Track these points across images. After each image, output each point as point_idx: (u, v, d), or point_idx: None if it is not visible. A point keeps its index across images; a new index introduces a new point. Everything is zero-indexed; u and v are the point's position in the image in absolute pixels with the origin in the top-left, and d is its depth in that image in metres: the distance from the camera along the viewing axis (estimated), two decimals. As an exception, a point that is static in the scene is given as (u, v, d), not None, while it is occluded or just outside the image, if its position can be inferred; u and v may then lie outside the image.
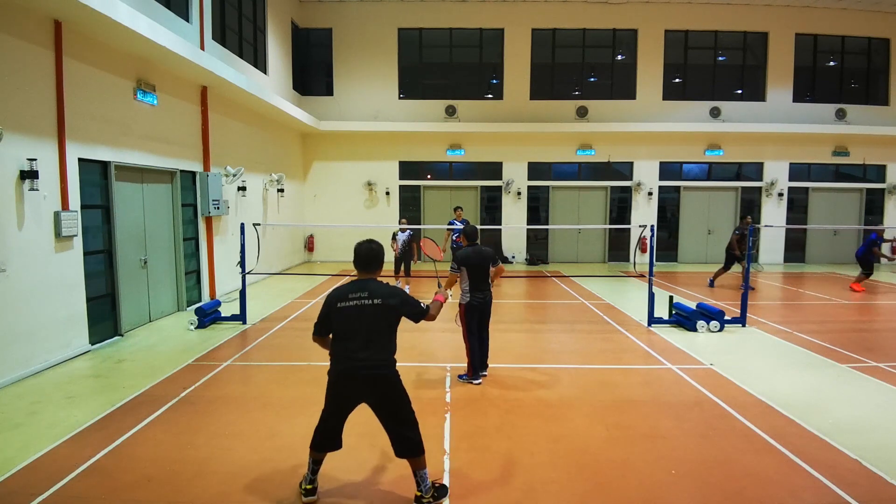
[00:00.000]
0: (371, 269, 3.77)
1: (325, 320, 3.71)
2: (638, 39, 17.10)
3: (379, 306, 3.61)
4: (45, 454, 4.35)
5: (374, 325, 3.60)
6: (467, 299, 6.10)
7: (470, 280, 6.07)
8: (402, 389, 3.67)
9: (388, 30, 16.97)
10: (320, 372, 6.45)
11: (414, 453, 3.64)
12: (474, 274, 6.07)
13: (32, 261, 6.34)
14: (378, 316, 3.61)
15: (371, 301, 3.61)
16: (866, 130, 16.93)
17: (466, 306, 6.11)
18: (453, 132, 17.03)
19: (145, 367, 6.56)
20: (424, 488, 3.66)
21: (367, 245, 3.79)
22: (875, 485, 3.98)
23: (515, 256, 17.65)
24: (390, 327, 3.68)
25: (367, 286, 3.68)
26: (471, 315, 6.11)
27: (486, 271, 6.16)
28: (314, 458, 3.77)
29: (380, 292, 3.65)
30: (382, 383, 3.61)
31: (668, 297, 9.54)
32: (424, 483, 3.67)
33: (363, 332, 3.58)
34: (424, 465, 3.68)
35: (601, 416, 5.17)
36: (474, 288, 6.09)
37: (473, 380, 6.09)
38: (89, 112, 7.34)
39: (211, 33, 10.62)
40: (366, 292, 3.64)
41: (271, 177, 13.87)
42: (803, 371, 6.61)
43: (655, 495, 3.84)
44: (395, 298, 3.66)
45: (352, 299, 3.63)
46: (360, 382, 3.59)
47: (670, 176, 17.70)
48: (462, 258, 6.05)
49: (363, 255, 3.76)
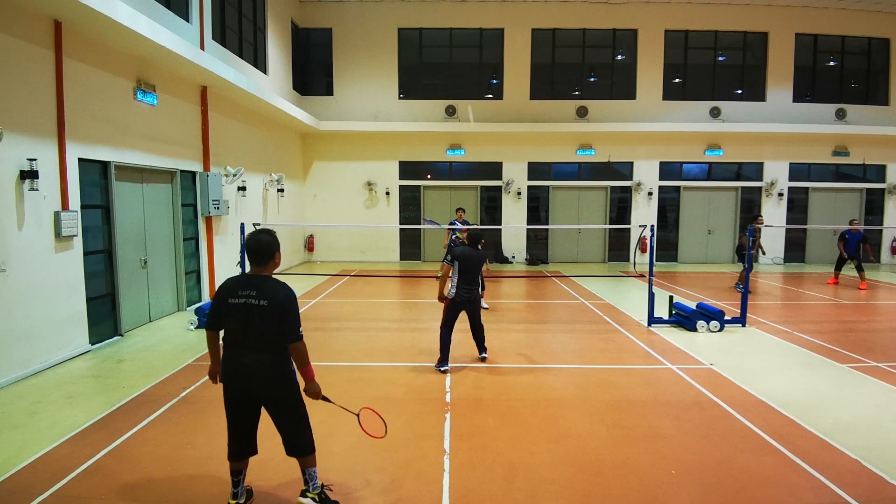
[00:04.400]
0: (260, 262, 3.50)
1: (216, 314, 3.50)
2: (638, 39, 17.10)
3: (265, 308, 3.37)
4: (45, 454, 4.34)
5: (262, 326, 3.38)
6: (453, 294, 6.49)
7: (459, 275, 6.48)
8: (295, 390, 3.54)
9: (388, 30, 16.97)
10: (320, 372, 6.43)
11: (304, 453, 3.58)
12: (465, 270, 6.49)
13: (32, 261, 6.34)
14: (265, 318, 3.38)
15: (258, 302, 3.38)
16: (866, 130, 16.93)
17: (451, 300, 6.51)
18: (453, 132, 17.03)
19: (145, 367, 6.57)
20: (312, 486, 3.59)
21: (256, 236, 3.53)
22: (875, 485, 3.98)
23: (515, 256, 17.65)
24: (274, 329, 3.40)
25: (257, 283, 3.44)
26: (452, 309, 6.52)
27: (478, 271, 6.64)
28: (232, 470, 3.60)
29: (268, 294, 3.40)
30: (276, 385, 3.46)
31: (668, 296, 9.55)
32: (313, 481, 3.59)
33: (254, 333, 3.39)
34: (314, 464, 3.62)
35: (601, 416, 5.17)
36: (462, 283, 6.49)
37: (439, 367, 6.48)
38: (89, 112, 7.34)
39: (211, 33, 10.63)
40: (254, 291, 3.41)
41: (271, 177, 13.87)
42: (803, 371, 6.61)
43: (655, 495, 3.84)
44: (287, 302, 3.40)
45: (241, 296, 3.41)
46: (252, 384, 3.42)
47: (670, 176, 17.70)
48: (458, 254, 6.53)
49: (251, 248, 3.50)
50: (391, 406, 5.42)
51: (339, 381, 6.19)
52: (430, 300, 11.26)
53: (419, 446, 4.56)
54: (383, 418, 4.07)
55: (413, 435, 4.77)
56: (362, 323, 9.03)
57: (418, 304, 11.01)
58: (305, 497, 3.57)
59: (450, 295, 6.49)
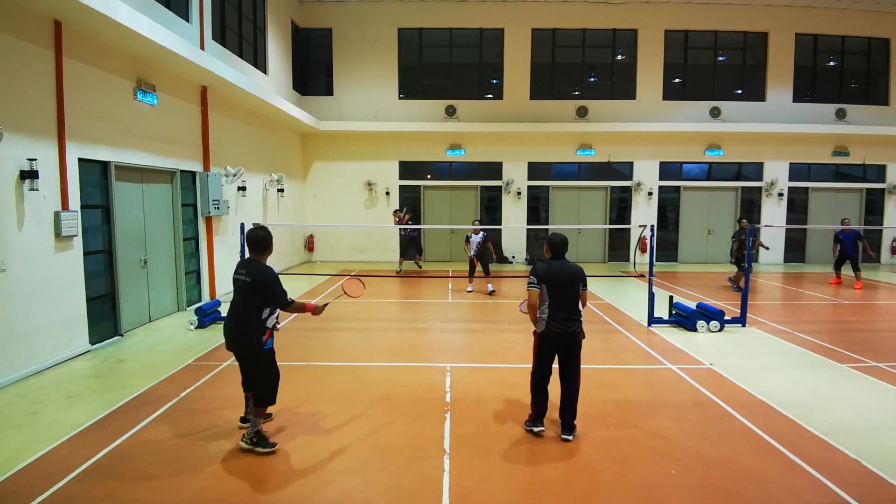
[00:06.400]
0: (257, 251, 4.46)
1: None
2: (638, 39, 17.09)
3: (248, 283, 4.31)
4: (45, 454, 4.34)
5: (244, 297, 4.35)
6: (543, 327, 4.76)
7: (550, 301, 4.72)
8: (262, 353, 4.35)
9: (388, 30, 16.96)
10: (320, 372, 6.49)
11: (258, 404, 4.43)
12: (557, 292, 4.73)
13: (32, 261, 6.34)
14: (246, 291, 4.33)
15: (245, 278, 4.34)
16: (866, 130, 16.92)
17: (542, 336, 4.80)
18: (453, 132, 17.03)
19: (145, 367, 6.56)
20: (250, 431, 4.41)
21: (254, 232, 4.48)
22: (875, 485, 3.98)
23: (515, 256, 17.65)
24: (256, 303, 4.30)
25: (249, 265, 4.41)
26: (546, 349, 4.84)
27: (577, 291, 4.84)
28: (245, 395, 4.72)
29: (254, 272, 4.33)
30: (243, 346, 4.39)
31: (668, 297, 9.54)
32: (253, 427, 4.41)
33: (236, 303, 4.41)
34: (261, 416, 4.44)
35: (601, 416, 5.17)
36: (556, 312, 4.72)
37: (530, 427, 4.86)
38: (89, 112, 7.34)
39: (211, 33, 10.62)
40: (245, 270, 4.39)
41: (271, 177, 13.87)
42: (803, 371, 6.61)
43: (655, 495, 3.84)
44: (264, 280, 4.30)
45: (238, 273, 4.44)
46: (230, 342, 4.44)
47: (670, 176, 17.69)
48: (542, 273, 4.76)
49: (250, 240, 4.47)
50: (391, 406, 5.42)
51: (339, 381, 6.19)
52: (431, 300, 11.27)
53: (419, 446, 4.55)
54: (363, 282, 5.30)
55: (413, 435, 4.77)
56: (362, 323, 9.03)
57: (418, 304, 11.01)
58: (243, 440, 4.44)
59: (539, 329, 4.75)
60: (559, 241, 4.83)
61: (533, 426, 4.78)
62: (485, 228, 11.97)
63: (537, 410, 4.79)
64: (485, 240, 11.67)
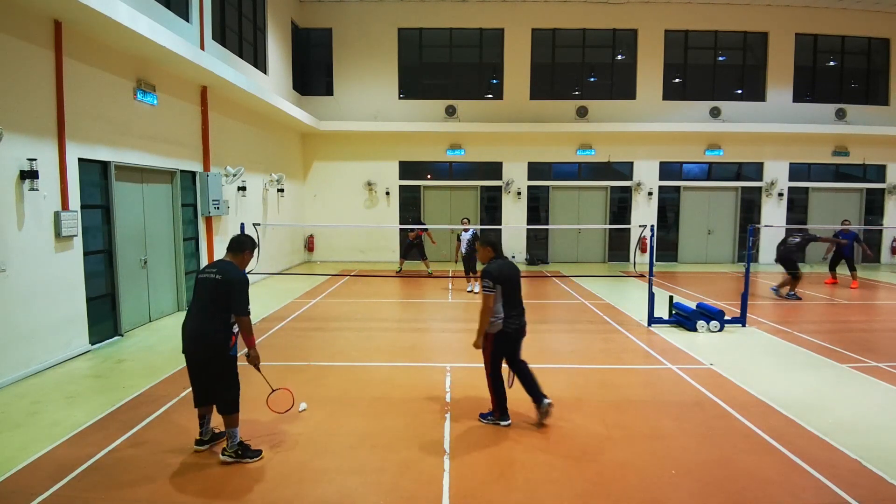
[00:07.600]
0: (234, 251, 4.38)
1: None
2: (638, 39, 17.09)
3: (217, 282, 4.12)
4: (45, 454, 4.35)
5: (209, 296, 4.13)
6: (500, 326, 4.93)
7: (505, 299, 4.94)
8: (227, 358, 4.17)
9: (388, 30, 16.96)
10: (320, 372, 6.49)
11: (226, 412, 4.22)
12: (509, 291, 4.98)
13: (32, 261, 6.34)
14: (212, 290, 4.13)
15: (214, 276, 4.15)
16: (866, 130, 16.92)
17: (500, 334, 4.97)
18: (453, 132, 17.03)
19: (145, 367, 6.56)
20: (230, 444, 4.22)
21: (238, 236, 4.48)
22: (875, 485, 3.98)
23: (515, 256, 17.65)
24: (224, 303, 4.10)
25: (222, 264, 4.26)
26: (505, 345, 5.07)
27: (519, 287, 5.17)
28: (198, 414, 4.40)
29: (224, 270, 4.17)
30: (205, 347, 4.14)
31: (668, 296, 9.54)
32: (231, 439, 4.21)
33: (198, 302, 4.20)
34: (235, 424, 4.21)
35: (601, 416, 5.17)
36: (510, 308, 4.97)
37: (500, 421, 5.05)
38: (89, 112, 7.34)
39: (211, 33, 10.62)
40: (216, 269, 4.20)
41: (271, 177, 13.87)
42: (803, 371, 6.61)
43: (655, 495, 3.84)
44: (232, 278, 4.12)
45: (204, 272, 4.24)
46: (190, 343, 4.18)
47: (670, 176, 17.69)
48: (496, 273, 4.90)
49: (231, 241, 4.44)
50: (391, 406, 5.42)
51: (339, 381, 6.19)
52: (431, 300, 11.27)
53: (419, 446, 4.55)
54: (293, 396, 4.98)
55: (413, 435, 4.77)
56: (362, 323, 9.03)
57: (418, 304, 11.01)
58: (224, 454, 4.22)
59: (494, 329, 4.85)
60: (498, 240, 5.18)
61: (501, 420, 4.99)
62: (481, 228, 11.91)
63: (503, 405, 5.02)
64: (475, 237, 11.63)
